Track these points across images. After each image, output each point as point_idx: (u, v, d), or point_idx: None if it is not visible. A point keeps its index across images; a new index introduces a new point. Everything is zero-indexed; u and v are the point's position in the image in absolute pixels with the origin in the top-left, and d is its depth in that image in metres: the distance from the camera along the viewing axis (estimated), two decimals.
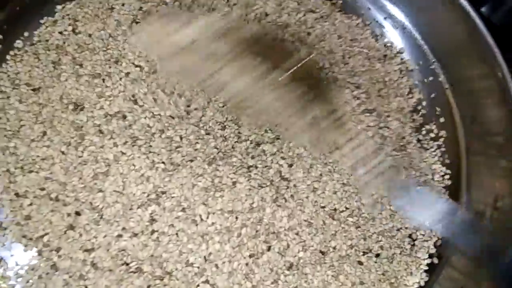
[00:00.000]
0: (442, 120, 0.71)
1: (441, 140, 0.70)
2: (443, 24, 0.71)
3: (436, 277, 0.63)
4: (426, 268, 0.63)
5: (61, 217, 0.57)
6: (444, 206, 0.60)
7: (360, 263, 0.61)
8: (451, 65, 0.72)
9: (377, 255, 0.61)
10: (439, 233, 0.64)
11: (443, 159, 0.69)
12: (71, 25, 0.66)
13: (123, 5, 0.68)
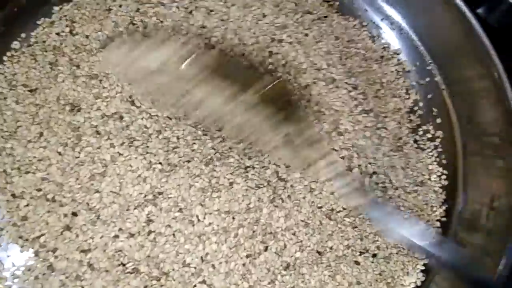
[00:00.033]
0: (439, 120, 0.72)
1: (438, 140, 0.70)
2: (439, 25, 0.72)
3: (433, 277, 0.63)
4: (422, 268, 0.63)
5: (57, 218, 0.57)
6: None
7: (357, 263, 0.60)
8: (448, 66, 0.73)
9: (374, 255, 0.61)
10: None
11: (440, 159, 0.69)
12: (68, 26, 0.67)
13: (120, 6, 0.68)
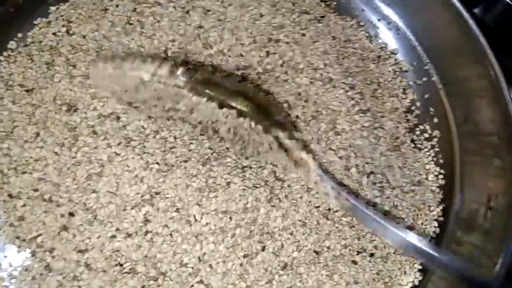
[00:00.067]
0: (436, 120, 0.72)
1: (435, 140, 0.71)
2: (436, 25, 0.72)
3: (430, 276, 0.63)
4: (420, 267, 0.63)
5: (54, 218, 0.57)
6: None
7: (354, 262, 0.60)
8: (445, 66, 0.73)
9: (371, 255, 0.61)
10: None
11: (437, 159, 0.69)
12: (65, 26, 0.67)
13: (117, 6, 0.68)
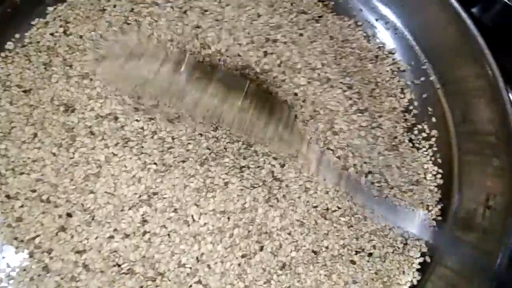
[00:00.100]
0: (434, 120, 0.72)
1: (433, 139, 0.70)
2: (434, 24, 0.72)
3: (429, 276, 0.63)
4: (418, 267, 0.63)
5: (52, 219, 0.57)
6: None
7: (353, 262, 0.60)
8: (443, 66, 0.73)
9: (370, 254, 0.61)
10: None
11: (435, 158, 0.69)
12: (62, 26, 0.67)
13: (114, 6, 0.68)
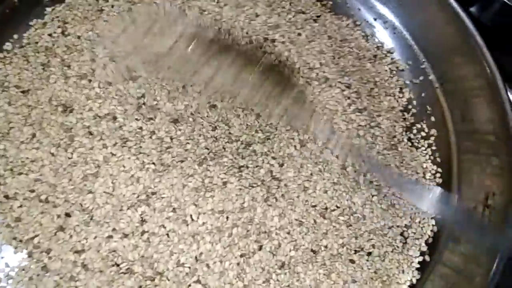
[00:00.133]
0: (433, 119, 0.71)
1: (432, 138, 0.70)
2: (433, 24, 0.72)
3: (428, 275, 0.63)
4: (418, 266, 0.63)
5: (51, 219, 0.57)
6: (436, 195, 0.61)
7: (352, 261, 0.60)
8: (441, 65, 0.73)
9: (369, 254, 0.61)
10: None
11: (434, 157, 0.69)
12: (60, 27, 0.67)
13: (112, 6, 0.68)
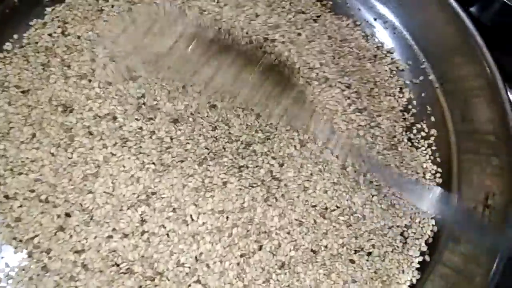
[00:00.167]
0: (433, 119, 0.71)
1: (432, 138, 0.70)
2: (433, 24, 0.72)
3: (428, 275, 0.63)
4: (418, 266, 0.63)
5: (51, 219, 0.57)
6: (436, 195, 0.61)
7: (352, 261, 0.60)
8: (441, 65, 0.73)
9: (369, 254, 0.61)
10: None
11: (434, 157, 0.69)
12: (60, 27, 0.67)
13: (112, 6, 0.69)
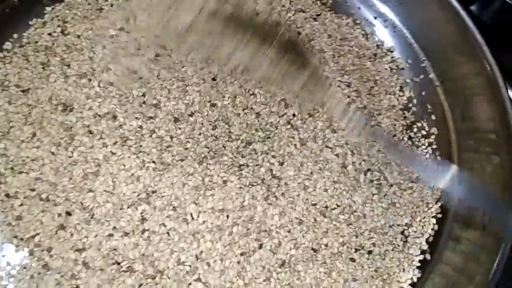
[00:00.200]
0: (433, 117, 0.71)
1: (432, 137, 0.70)
2: (433, 22, 0.72)
3: (429, 274, 0.63)
4: (418, 264, 0.63)
5: (51, 217, 0.57)
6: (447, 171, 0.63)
7: (353, 260, 0.60)
8: (442, 63, 0.73)
9: (370, 252, 0.61)
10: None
11: (435, 156, 0.69)
12: (60, 26, 0.67)
13: (111, 5, 0.69)
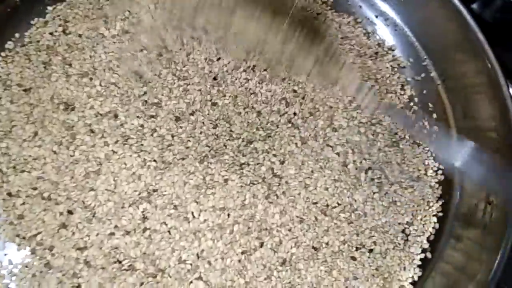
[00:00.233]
0: (435, 116, 0.71)
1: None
2: (434, 21, 0.72)
3: (430, 272, 0.63)
4: (419, 263, 0.63)
5: (53, 216, 0.57)
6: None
7: (353, 258, 0.60)
8: (443, 62, 0.72)
9: (370, 251, 0.61)
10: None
11: (436, 154, 0.69)
12: (62, 25, 0.67)
13: (113, 5, 0.69)
